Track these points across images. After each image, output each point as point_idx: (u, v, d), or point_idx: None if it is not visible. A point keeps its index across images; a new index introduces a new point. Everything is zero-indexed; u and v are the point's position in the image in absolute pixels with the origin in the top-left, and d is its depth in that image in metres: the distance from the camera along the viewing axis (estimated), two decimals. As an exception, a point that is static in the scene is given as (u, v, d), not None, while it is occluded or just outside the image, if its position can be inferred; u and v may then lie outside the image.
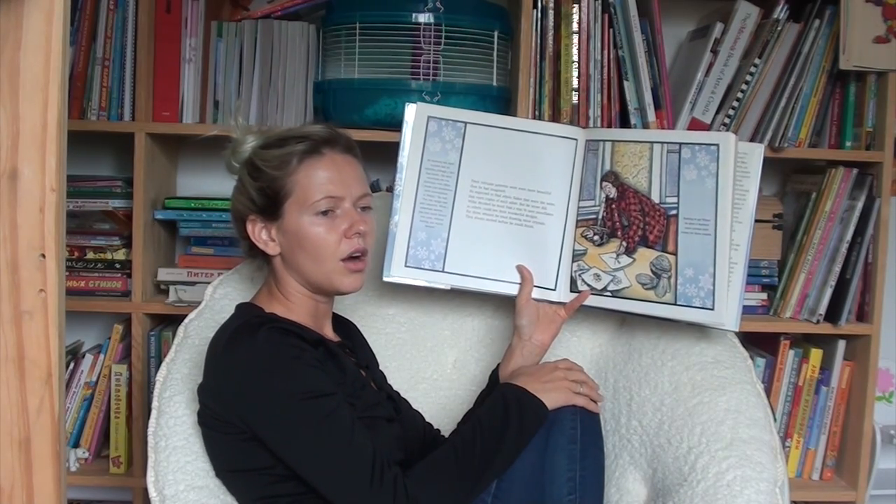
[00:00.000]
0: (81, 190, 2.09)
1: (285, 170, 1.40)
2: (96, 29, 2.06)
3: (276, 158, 1.40)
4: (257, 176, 1.42)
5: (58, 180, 0.96)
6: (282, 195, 1.40)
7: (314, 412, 1.30)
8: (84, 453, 2.14)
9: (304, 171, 1.40)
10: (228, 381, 1.34)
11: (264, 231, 1.43)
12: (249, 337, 1.33)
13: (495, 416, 1.40)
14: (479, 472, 1.36)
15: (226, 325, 1.41)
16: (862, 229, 2.11)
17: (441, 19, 1.94)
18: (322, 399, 1.31)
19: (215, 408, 1.37)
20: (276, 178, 1.40)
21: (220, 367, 1.36)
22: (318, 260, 1.41)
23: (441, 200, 1.61)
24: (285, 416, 1.30)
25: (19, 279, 0.95)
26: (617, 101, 2.08)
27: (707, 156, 1.48)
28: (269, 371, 1.31)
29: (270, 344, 1.33)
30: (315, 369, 1.34)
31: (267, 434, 1.32)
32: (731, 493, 1.39)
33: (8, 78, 0.94)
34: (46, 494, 0.98)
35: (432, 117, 1.61)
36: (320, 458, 1.30)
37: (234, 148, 1.46)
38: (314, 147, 1.41)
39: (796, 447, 2.18)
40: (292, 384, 1.31)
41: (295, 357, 1.33)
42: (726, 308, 1.48)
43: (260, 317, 1.40)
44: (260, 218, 1.43)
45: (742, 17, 2.08)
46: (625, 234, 1.56)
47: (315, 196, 1.39)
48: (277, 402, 1.30)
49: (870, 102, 2.12)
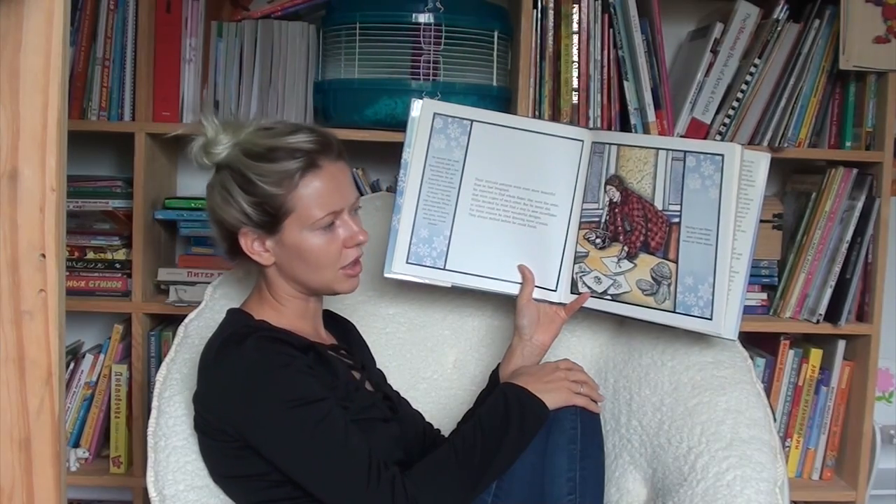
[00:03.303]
0: (81, 190, 2.09)
1: (286, 187, 1.35)
2: (96, 29, 2.06)
3: (275, 174, 1.35)
4: (252, 190, 1.36)
5: (58, 180, 0.96)
6: (282, 212, 1.36)
7: (306, 419, 1.30)
8: (84, 453, 2.14)
9: (305, 187, 1.36)
10: (220, 393, 1.34)
11: (257, 243, 1.39)
12: (237, 348, 1.33)
13: (496, 416, 1.40)
14: (480, 472, 1.36)
15: (216, 335, 1.41)
16: (862, 229, 2.11)
17: (441, 19, 1.94)
18: (313, 405, 1.31)
19: (209, 417, 1.37)
20: (275, 196, 1.35)
21: (211, 379, 1.36)
22: (318, 270, 1.40)
23: (444, 198, 1.61)
24: (278, 425, 1.30)
25: (19, 279, 0.95)
26: (617, 101, 2.08)
27: (711, 165, 1.47)
28: (259, 380, 1.31)
29: (259, 353, 1.32)
30: (305, 375, 1.33)
31: (261, 443, 1.32)
32: (731, 492, 1.39)
33: (8, 78, 0.94)
34: (46, 494, 0.97)
35: (438, 114, 1.61)
36: (316, 464, 1.30)
37: (206, 147, 1.39)
38: (312, 161, 1.36)
39: (796, 447, 2.18)
40: (283, 392, 1.30)
41: (284, 365, 1.32)
42: (724, 318, 1.48)
43: (248, 326, 1.39)
44: (254, 231, 1.39)
45: (742, 17, 2.08)
46: (627, 238, 1.56)
47: (318, 213, 1.37)
48: (269, 411, 1.30)
49: (870, 102, 2.12)
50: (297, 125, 1.42)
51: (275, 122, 1.42)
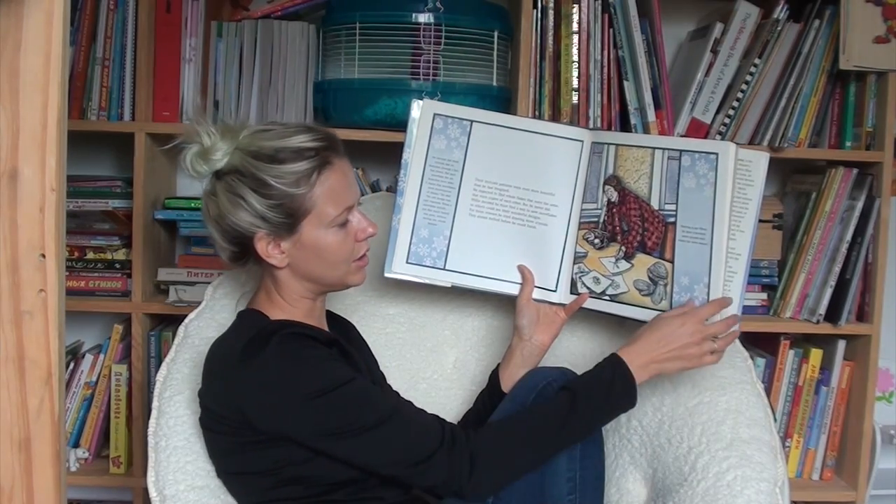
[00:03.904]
0: (81, 190, 2.09)
1: (304, 186, 1.36)
2: (96, 29, 2.05)
3: (292, 174, 1.35)
4: (268, 193, 1.35)
5: (58, 180, 0.96)
6: (301, 212, 1.37)
7: (347, 397, 1.32)
8: (84, 453, 2.14)
9: (321, 185, 1.37)
10: (254, 395, 1.33)
11: (272, 245, 1.39)
12: (265, 346, 1.33)
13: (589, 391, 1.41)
14: (553, 441, 1.40)
15: (234, 336, 1.40)
16: (862, 229, 2.11)
17: (441, 19, 1.94)
18: (350, 384, 1.33)
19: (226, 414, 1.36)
20: (294, 196, 1.36)
21: (241, 382, 1.34)
22: (335, 266, 1.42)
23: (444, 198, 1.61)
24: (322, 413, 1.31)
25: (19, 279, 0.95)
26: (617, 101, 2.08)
27: (706, 164, 1.47)
28: (293, 377, 1.31)
29: (288, 350, 1.33)
30: (334, 361, 1.36)
31: (310, 438, 1.32)
32: (731, 493, 1.39)
33: (8, 78, 0.94)
34: (46, 494, 0.97)
35: (438, 114, 1.61)
36: (371, 439, 1.32)
37: (203, 155, 1.38)
38: (325, 159, 1.38)
39: (796, 447, 2.18)
40: (318, 382, 1.32)
41: (313, 356, 1.34)
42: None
43: (270, 324, 1.39)
44: (269, 234, 1.38)
45: (742, 17, 2.08)
46: (624, 238, 1.56)
47: (335, 210, 1.38)
48: (310, 403, 1.31)
49: (870, 102, 2.12)
50: (294, 125, 1.42)
51: (268, 124, 1.42)
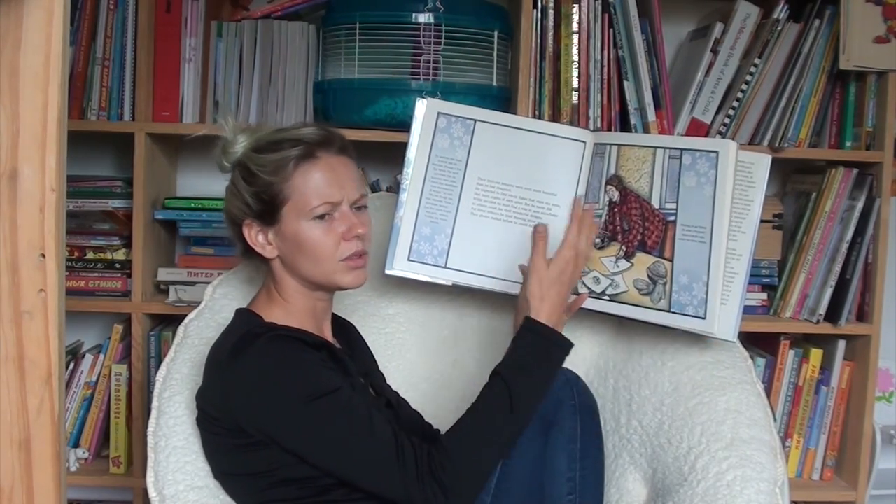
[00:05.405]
0: (81, 190, 2.09)
1: (281, 175, 1.38)
2: (96, 29, 2.05)
3: (272, 163, 1.39)
4: (252, 181, 1.40)
5: (58, 180, 0.96)
6: (279, 200, 1.39)
7: (329, 409, 1.31)
8: (84, 453, 2.14)
9: (301, 175, 1.39)
10: (238, 393, 1.34)
11: (261, 235, 1.42)
12: (252, 346, 1.33)
13: (515, 364, 1.40)
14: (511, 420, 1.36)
15: (227, 335, 1.41)
16: (862, 229, 2.11)
17: (441, 19, 1.94)
18: (333, 395, 1.31)
19: (219, 415, 1.37)
20: (272, 184, 1.39)
21: (226, 379, 1.35)
22: (318, 262, 1.41)
23: (447, 197, 1.61)
24: (302, 419, 1.31)
25: (19, 279, 0.95)
26: (617, 101, 2.08)
27: (706, 163, 1.47)
28: (277, 379, 1.31)
29: (274, 350, 1.33)
30: (320, 367, 1.34)
31: (288, 441, 1.32)
32: (731, 493, 1.39)
33: (8, 78, 0.94)
34: (46, 494, 0.97)
35: (442, 113, 1.61)
36: (344, 452, 1.31)
37: (224, 148, 1.45)
38: (309, 151, 1.40)
39: (796, 447, 2.18)
40: (302, 386, 1.31)
41: (299, 360, 1.33)
42: (718, 318, 1.47)
43: (260, 326, 1.40)
44: (256, 222, 1.42)
45: (742, 17, 2.08)
46: (624, 237, 1.56)
47: (312, 202, 1.38)
48: (291, 406, 1.31)
49: (870, 102, 2.12)
50: (310, 123, 1.46)
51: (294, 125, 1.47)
